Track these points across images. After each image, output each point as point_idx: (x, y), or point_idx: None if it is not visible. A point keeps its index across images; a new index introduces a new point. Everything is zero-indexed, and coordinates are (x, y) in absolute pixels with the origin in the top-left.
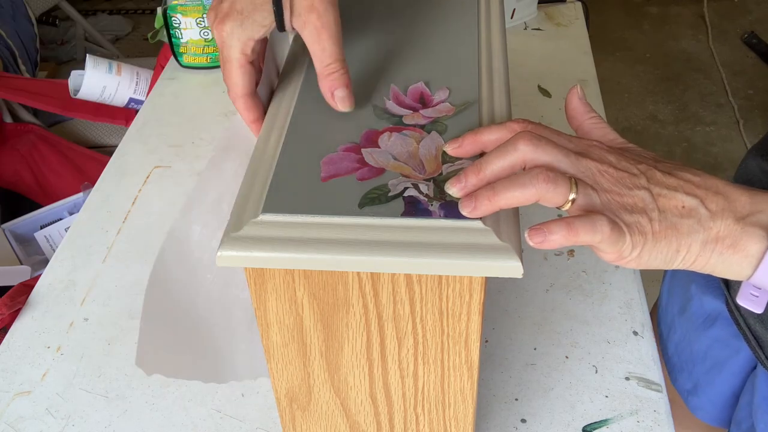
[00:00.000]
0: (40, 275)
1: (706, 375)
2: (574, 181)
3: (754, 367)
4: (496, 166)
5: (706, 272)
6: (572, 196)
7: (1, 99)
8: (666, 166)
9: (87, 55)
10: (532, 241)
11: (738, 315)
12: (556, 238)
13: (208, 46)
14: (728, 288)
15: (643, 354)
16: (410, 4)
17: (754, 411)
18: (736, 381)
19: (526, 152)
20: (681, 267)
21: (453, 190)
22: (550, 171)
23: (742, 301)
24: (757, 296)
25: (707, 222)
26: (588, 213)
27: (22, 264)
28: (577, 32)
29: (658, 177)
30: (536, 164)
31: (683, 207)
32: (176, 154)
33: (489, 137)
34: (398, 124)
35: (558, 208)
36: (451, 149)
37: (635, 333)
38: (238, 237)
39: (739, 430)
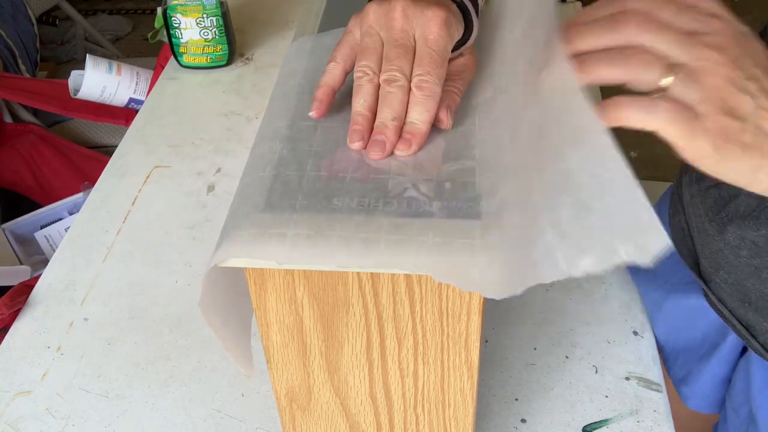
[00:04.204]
0: (40, 275)
1: (698, 363)
2: (672, 67)
3: (743, 350)
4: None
5: None
6: (667, 80)
7: (1, 99)
8: None
9: (87, 55)
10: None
11: (722, 306)
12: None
13: (208, 46)
14: (706, 283)
15: (643, 354)
16: None
17: (752, 399)
18: (726, 366)
19: (630, 36)
20: (760, 189)
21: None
22: (647, 53)
23: None
24: None
25: None
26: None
27: (22, 264)
28: None
29: (766, 86)
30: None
31: None
32: (176, 154)
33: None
34: None
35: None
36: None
37: (635, 333)
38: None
39: (738, 418)
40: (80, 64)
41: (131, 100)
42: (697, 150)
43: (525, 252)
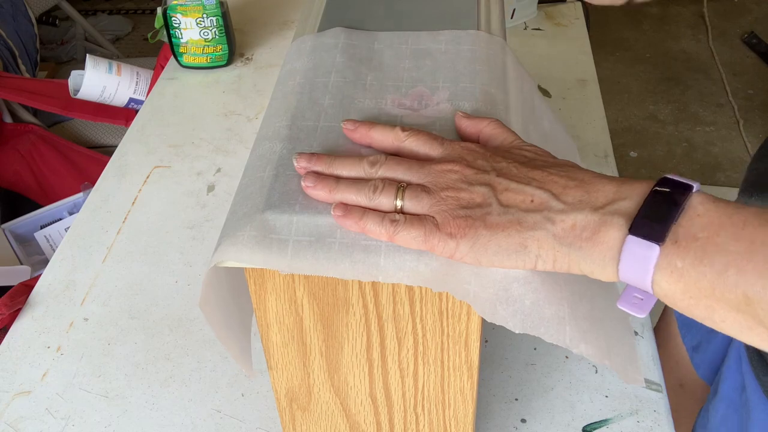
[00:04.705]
0: (40, 275)
1: (708, 333)
2: (402, 189)
3: None
4: (346, 172)
5: (576, 272)
6: (399, 203)
7: (1, 99)
8: (538, 163)
9: (87, 55)
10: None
11: None
12: (350, 224)
13: (208, 46)
14: None
15: (643, 354)
16: (410, 5)
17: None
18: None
19: (382, 174)
20: (542, 267)
21: (301, 163)
22: (382, 181)
23: (623, 304)
24: (642, 299)
25: (558, 215)
26: (418, 216)
27: (22, 264)
28: (577, 32)
29: (513, 172)
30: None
31: (532, 201)
32: (176, 154)
33: (378, 137)
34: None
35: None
36: (345, 126)
37: (635, 333)
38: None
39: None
40: (80, 64)
41: (131, 100)
42: (442, 248)
43: (533, 298)
